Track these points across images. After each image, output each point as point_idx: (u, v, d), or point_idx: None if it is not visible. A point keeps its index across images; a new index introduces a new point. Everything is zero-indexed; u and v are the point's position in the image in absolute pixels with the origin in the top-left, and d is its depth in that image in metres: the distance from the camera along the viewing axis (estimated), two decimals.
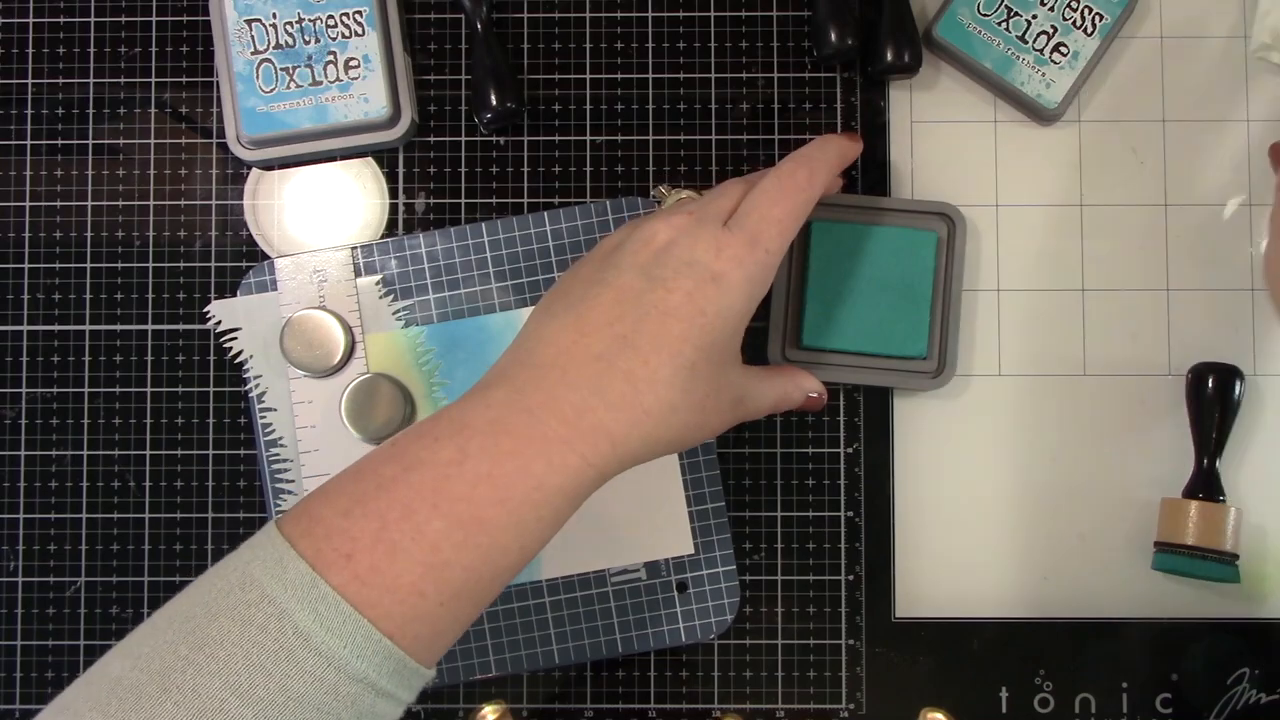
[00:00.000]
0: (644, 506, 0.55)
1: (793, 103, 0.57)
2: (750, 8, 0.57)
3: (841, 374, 0.55)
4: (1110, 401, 0.56)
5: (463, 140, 0.57)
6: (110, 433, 0.56)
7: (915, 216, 0.55)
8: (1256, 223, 0.56)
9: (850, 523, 0.56)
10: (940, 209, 0.55)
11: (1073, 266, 0.56)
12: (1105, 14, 0.55)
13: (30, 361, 0.57)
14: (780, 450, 0.56)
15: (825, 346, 0.54)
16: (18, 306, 0.57)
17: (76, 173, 0.57)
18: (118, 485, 0.56)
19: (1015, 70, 0.55)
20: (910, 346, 0.54)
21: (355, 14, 0.55)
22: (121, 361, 0.56)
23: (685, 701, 0.55)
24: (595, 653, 0.54)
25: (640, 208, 0.55)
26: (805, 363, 0.54)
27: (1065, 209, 0.57)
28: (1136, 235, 0.56)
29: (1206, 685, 0.54)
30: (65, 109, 0.57)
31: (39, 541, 0.56)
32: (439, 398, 0.55)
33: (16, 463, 0.56)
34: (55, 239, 0.57)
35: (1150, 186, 0.57)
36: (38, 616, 0.56)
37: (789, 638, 0.55)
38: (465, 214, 0.57)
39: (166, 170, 0.57)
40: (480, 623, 0.54)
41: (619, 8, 0.57)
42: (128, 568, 0.56)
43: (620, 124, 0.57)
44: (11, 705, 0.55)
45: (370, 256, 0.56)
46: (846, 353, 0.54)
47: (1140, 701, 0.54)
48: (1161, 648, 0.55)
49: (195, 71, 0.57)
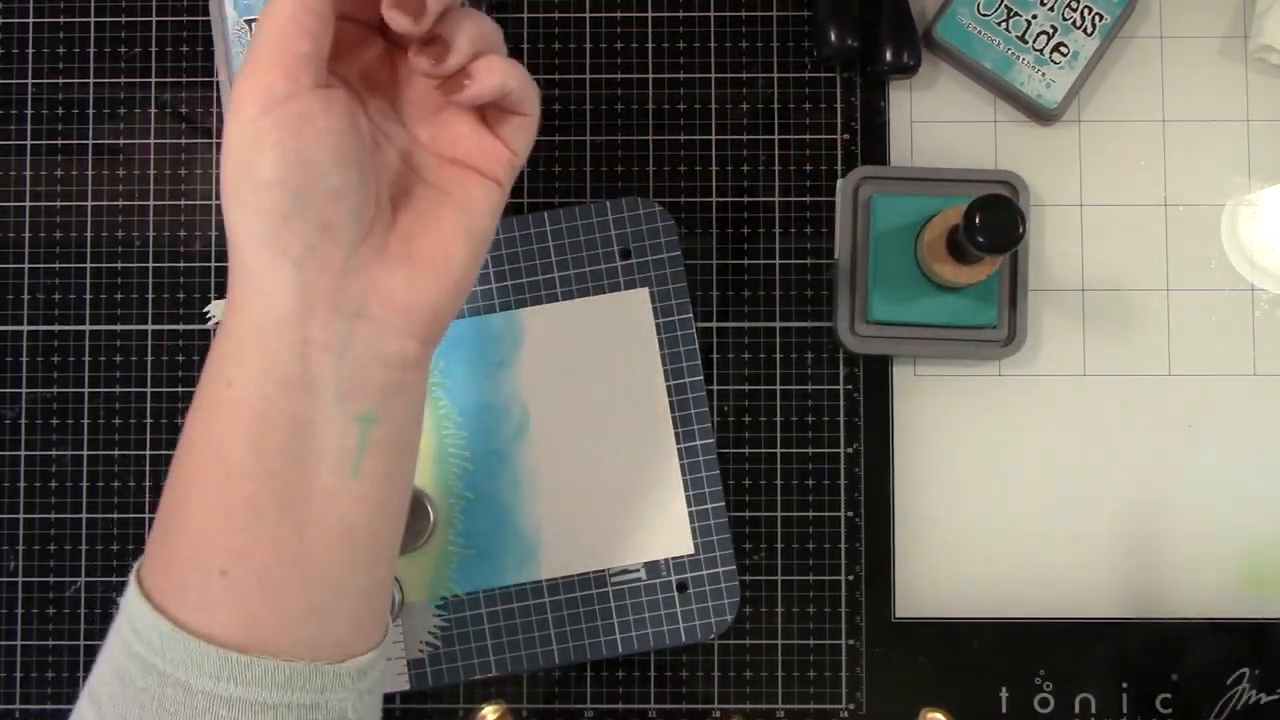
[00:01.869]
0: (644, 506, 0.55)
1: (793, 103, 0.57)
2: (750, 8, 0.57)
3: (912, 347, 0.55)
4: (1110, 402, 0.56)
5: None
6: (110, 433, 0.56)
7: (977, 185, 0.55)
8: (1256, 223, 0.56)
9: (850, 523, 0.56)
10: (1003, 176, 0.55)
11: (1073, 266, 0.56)
12: (1105, 14, 0.55)
13: (30, 361, 0.57)
14: (780, 450, 0.56)
15: (895, 320, 0.54)
16: (18, 306, 0.57)
17: (76, 173, 0.57)
18: (118, 485, 0.56)
19: (1015, 70, 0.55)
20: (980, 315, 0.54)
21: None
22: (121, 361, 0.56)
23: (685, 701, 0.55)
24: (595, 653, 0.54)
25: (640, 208, 0.55)
26: (875, 337, 0.54)
27: (1065, 209, 0.57)
28: (1136, 235, 0.56)
29: (1206, 685, 0.54)
30: (65, 109, 0.57)
31: (39, 541, 0.56)
32: (439, 398, 0.55)
33: (16, 463, 0.56)
34: (55, 239, 0.57)
35: (1150, 186, 0.57)
36: (38, 616, 0.56)
37: (789, 638, 0.55)
38: None
39: (166, 170, 0.57)
40: (480, 623, 0.54)
41: (619, 8, 0.57)
42: (128, 568, 0.56)
43: (620, 124, 0.57)
44: (11, 705, 0.55)
45: None
46: (916, 325, 0.54)
47: (1140, 701, 0.54)
48: (1161, 648, 0.55)
49: (195, 71, 0.57)
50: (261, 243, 0.36)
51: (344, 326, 0.37)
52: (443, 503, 0.55)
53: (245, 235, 0.36)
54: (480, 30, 0.38)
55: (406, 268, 0.38)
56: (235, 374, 0.37)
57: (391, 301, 0.38)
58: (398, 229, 0.39)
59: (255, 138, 0.35)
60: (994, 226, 0.47)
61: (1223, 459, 0.55)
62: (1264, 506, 0.55)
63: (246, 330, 0.37)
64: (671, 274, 0.55)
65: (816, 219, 0.57)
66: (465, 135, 0.40)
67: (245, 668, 0.36)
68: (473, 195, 0.40)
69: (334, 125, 0.36)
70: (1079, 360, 0.56)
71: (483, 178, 0.40)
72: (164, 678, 0.36)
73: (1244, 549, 0.55)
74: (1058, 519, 0.56)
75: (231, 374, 0.37)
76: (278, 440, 0.37)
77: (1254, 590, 0.55)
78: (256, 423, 0.37)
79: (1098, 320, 0.56)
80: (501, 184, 0.41)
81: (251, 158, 0.35)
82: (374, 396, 0.38)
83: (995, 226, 0.47)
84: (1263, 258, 0.56)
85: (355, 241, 0.37)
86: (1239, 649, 0.54)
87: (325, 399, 0.37)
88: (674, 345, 0.55)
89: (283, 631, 0.37)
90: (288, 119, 0.35)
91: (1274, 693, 0.54)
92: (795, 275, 0.57)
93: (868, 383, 0.56)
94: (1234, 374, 0.56)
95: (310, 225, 0.36)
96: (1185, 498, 0.55)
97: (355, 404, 0.38)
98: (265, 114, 0.35)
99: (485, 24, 0.39)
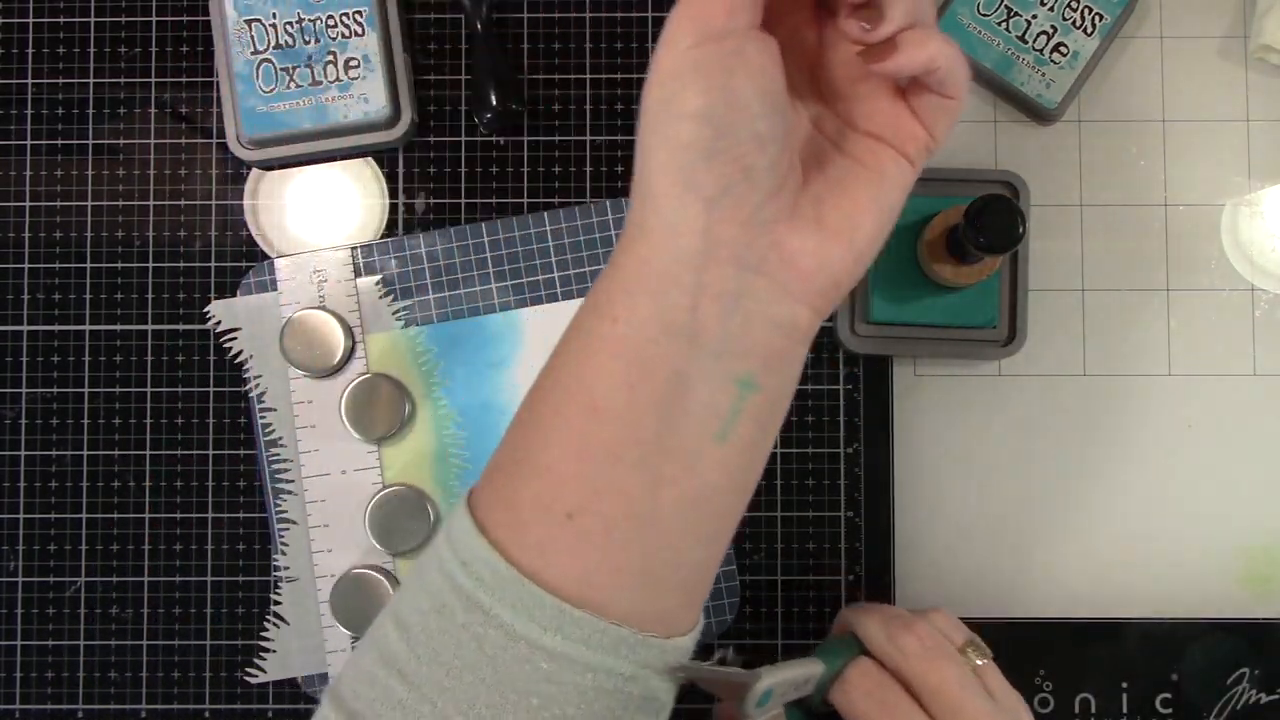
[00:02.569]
0: None
1: None
2: None
3: (912, 347, 0.55)
4: (1110, 402, 0.56)
5: (463, 140, 0.57)
6: (110, 433, 0.56)
7: (977, 185, 0.55)
8: (1256, 223, 0.56)
9: (850, 523, 0.56)
10: (1003, 176, 0.55)
11: (1072, 267, 0.56)
12: (1105, 14, 0.55)
13: (30, 361, 0.57)
14: (780, 450, 0.56)
15: (895, 321, 0.54)
16: (18, 306, 0.57)
17: (76, 173, 0.57)
18: (118, 485, 0.56)
19: (1015, 70, 0.55)
20: (980, 315, 0.54)
21: (355, 14, 0.55)
22: (121, 361, 0.56)
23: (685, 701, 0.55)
24: None
25: None
26: (875, 337, 0.54)
27: (1065, 209, 0.57)
28: (1136, 235, 0.56)
29: (1206, 685, 0.54)
30: (65, 109, 0.57)
31: (39, 541, 0.56)
32: (439, 398, 0.55)
33: (16, 463, 0.56)
34: (55, 239, 0.57)
35: (1150, 186, 0.57)
36: (38, 616, 0.56)
37: (789, 638, 0.55)
38: (465, 214, 0.57)
39: (166, 170, 0.57)
40: None
41: (619, 8, 0.57)
42: (128, 568, 0.56)
43: (620, 124, 0.57)
44: (11, 705, 0.55)
45: (370, 256, 0.56)
46: (917, 325, 0.54)
47: (1140, 701, 0.54)
48: (1161, 648, 0.55)
49: (195, 71, 0.57)
50: (676, 178, 0.35)
51: (742, 280, 0.35)
52: (443, 504, 0.55)
53: (660, 168, 0.35)
54: (916, 1, 0.36)
55: (815, 232, 0.36)
56: (622, 311, 0.35)
57: (794, 264, 0.36)
58: (809, 191, 0.37)
59: (689, 68, 0.34)
60: (994, 226, 0.47)
61: (1222, 459, 0.55)
62: (1264, 506, 0.55)
63: (640, 268, 0.35)
64: None
65: None
66: (883, 109, 0.38)
67: (576, 623, 0.34)
68: (886, 169, 0.38)
69: (768, 69, 0.35)
70: (1079, 360, 0.56)
71: (896, 154, 0.38)
72: (488, 618, 0.34)
73: (1244, 549, 0.55)
74: (1057, 519, 0.55)
75: (619, 311, 0.35)
76: (653, 388, 0.35)
77: (1254, 590, 0.55)
78: (635, 364, 0.35)
79: (1098, 320, 0.56)
80: (914, 164, 0.38)
81: (680, 88, 0.34)
82: (756, 361, 0.36)
83: (995, 226, 0.47)
84: (1263, 258, 0.56)
85: (770, 193, 0.35)
86: (1239, 649, 0.54)
87: (706, 354, 0.35)
88: None
89: (616, 591, 0.35)
90: (723, 54, 0.34)
91: (1274, 693, 0.54)
92: None
93: (868, 382, 0.56)
94: (1234, 374, 0.56)
95: (730, 167, 0.34)
96: (1185, 498, 0.55)
97: (736, 364, 0.36)
98: (699, 45, 0.34)
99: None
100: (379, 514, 0.54)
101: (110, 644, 0.56)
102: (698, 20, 0.34)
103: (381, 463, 0.55)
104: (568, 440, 0.36)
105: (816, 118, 0.39)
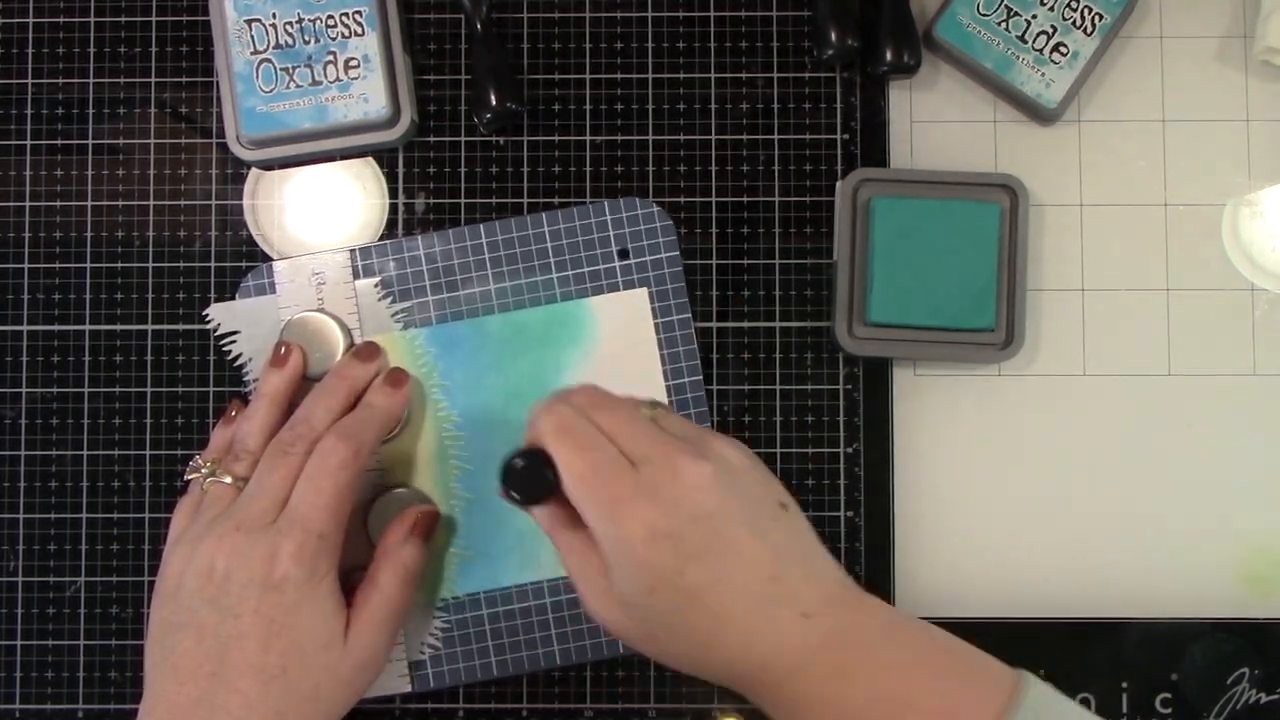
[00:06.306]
0: None
1: (793, 103, 0.57)
2: (750, 8, 0.57)
3: (910, 349, 0.55)
4: (1110, 402, 0.56)
5: (463, 140, 0.57)
6: (110, 433, 0.56)
7: (977, 189, 0.55)
8: (1256, 223, 0.56)
9: (850, 523, 0.56)
10: (1002, 180, 0.55)
11: (1072, 267, 0.56)
12: (1105, 14, 0.55)
13: (30, 361, 0.57)
14: (780, 450, 0.56)
15: (892, 322, 0.54)
16: (18, 306, 0.57)
17: (76, 173, 0.57)
18: (118, 485, 0.56)
19: (1015, 70, 0.55)
20: (978, 319, 0.54)
21: (355, 14, 0.55)
22: (121, 361, 0.56)
23: (685, 701, 0.55)
24: (595, 653, 0.54)
25: (639, 208, 0.55)
26: (872, 339, 0.55)
27: (1065, 209, 0.57)
28: (1135, 235, 0.56)
29: (1206, 685, 0.54)
30: (65, 109, 0.57)
31: (39, 541, 0.56)
32: (438, 399, 0.55)
33: (16, 463, 0.56)
34: (55, 239, 0.57)
35: (1150, 186, 0.57)
36: (38, 616, 0.56)
37: None
38: (465, 214, 0.57)
39: (166, 170, 0.57)
40: (480, 624, 0.54)
41: (619, 8, 0.57)
42: (128, 568, 0.56)
43: (620, 124, 0.57)
44: (11, 705, 0.55)
45: (369, 258, 0.56)
46: (914, 328, 0.54)
47: (1140, 701, 0.54)
48: (1161, 648, 0.55)
49: (195, 71, 0.57)
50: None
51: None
52: (443, 504, 0.55)
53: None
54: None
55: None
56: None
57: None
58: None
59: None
60: (526, 478, 0.44)
61: (1222, 459, 0.55)
62: (1263, 506, 0.55)
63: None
64: (670, 274, 0.55)
65: (816, 219, 0.57)
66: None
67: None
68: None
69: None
70: (1079, 360, 0.56)
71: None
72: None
73: (1244, 549, 0.55)
74: (1057, 519, 0.56)
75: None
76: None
77: (1254, 590, 0.55)
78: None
79: (1098, 320, 0.56)
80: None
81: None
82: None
83: (527, 478, 0.44)
84: (1263, 258, 0.56)
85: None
86: (1239, 649, 0.54)
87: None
88: (673, 345, 0.55)
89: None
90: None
91: (1274, 693, 0.54)
92: (795, 275, 0.56)
93: (867, 383, 0.56)
94: (1234, 374, 0.56)
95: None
96: (1185, 498, 0.55)
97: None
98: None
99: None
100: (378, 515, 0.54)
101: (110, 644, 0.56)
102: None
103: (381, 464, 0.55)
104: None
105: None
